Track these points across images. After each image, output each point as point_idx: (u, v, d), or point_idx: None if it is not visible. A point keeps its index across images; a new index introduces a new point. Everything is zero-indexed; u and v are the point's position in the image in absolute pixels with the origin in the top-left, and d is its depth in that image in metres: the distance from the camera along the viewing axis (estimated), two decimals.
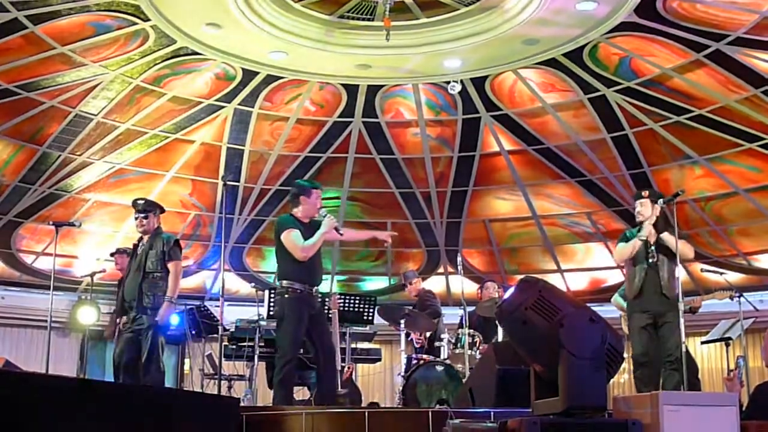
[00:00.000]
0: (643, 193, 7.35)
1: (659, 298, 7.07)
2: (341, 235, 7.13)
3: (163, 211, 7.79)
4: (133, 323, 7.31)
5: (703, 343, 10.85)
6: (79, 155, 12.13)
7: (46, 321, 7.90)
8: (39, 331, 12.46)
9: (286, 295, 6.85)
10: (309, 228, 6.98)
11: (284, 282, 6.89)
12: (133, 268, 7.48)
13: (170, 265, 7.42)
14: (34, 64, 10.56)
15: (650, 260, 7.11)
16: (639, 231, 7.22)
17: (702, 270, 10.62)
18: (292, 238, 6.88)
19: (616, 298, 8.53)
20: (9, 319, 12.92)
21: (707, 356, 12.91)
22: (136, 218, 7.57)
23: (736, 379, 6.78)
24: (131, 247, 7.82)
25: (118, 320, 7.63)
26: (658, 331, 7.06)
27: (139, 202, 7.68)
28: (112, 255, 9.92)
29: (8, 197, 12.13)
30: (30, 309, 12.60)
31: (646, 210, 7.22)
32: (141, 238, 7.61)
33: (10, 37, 9.98)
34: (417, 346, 9.26)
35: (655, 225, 7.20)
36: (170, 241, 7.50)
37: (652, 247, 7.14)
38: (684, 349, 7.16)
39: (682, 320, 6.94)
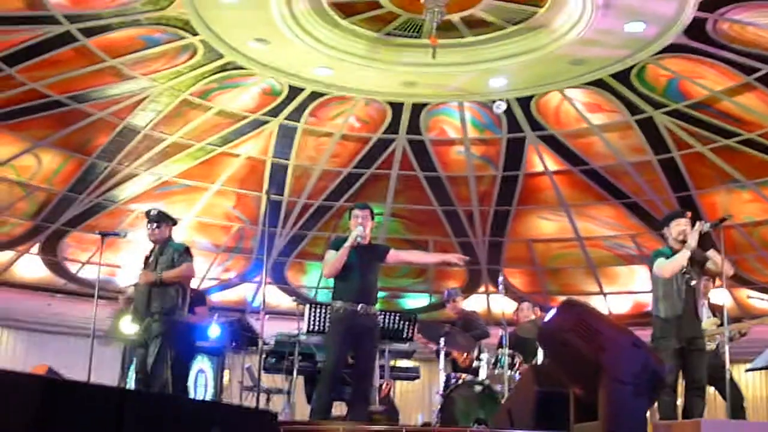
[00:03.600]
0: (686, 213, 7.16)
1: (694, 322, 6.89)
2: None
3: (175, 222, 7.79)
4: (144, 332, 7.32)
5: (747, 370, 10.65)
6: (126, 166, 12.29)
7: (89, 329, 7.95)
8: (82, 340, 12.57)
9: (330, 315, 6.98)
10: (360, 249, 7.01)
11: (333, 302, 6.97)
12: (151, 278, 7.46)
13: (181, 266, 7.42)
14: (85, 76, 10.74)
15: (690, 282, 6.90)
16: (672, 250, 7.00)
17: (748, 297, 10.44)
18: (325, 258, 7.00)
19: None
20: (53, 326, 13.08)
21: (752, 384, 12.69)
22: (148, 227, 7.57)
23: None
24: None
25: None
26: (686, 357, 6.83)
27: (152, 212, 7.71)
28: None
29: (56, 206, 12.33)
30: (74, 317, 12.74)
31: (689, 228, 7.01)
32: (153, 249, 7.61)
33: (62, 49, 10.17)
34: (463, 366, 9.18)
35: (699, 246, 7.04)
36: (180, 249, 7.52)
37: (688, 268, 6.92)
38: (729, 377, 7.02)
39: (727, 347, 6.81)
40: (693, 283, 6.85)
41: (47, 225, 12.51)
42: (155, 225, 7.59)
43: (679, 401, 7.08)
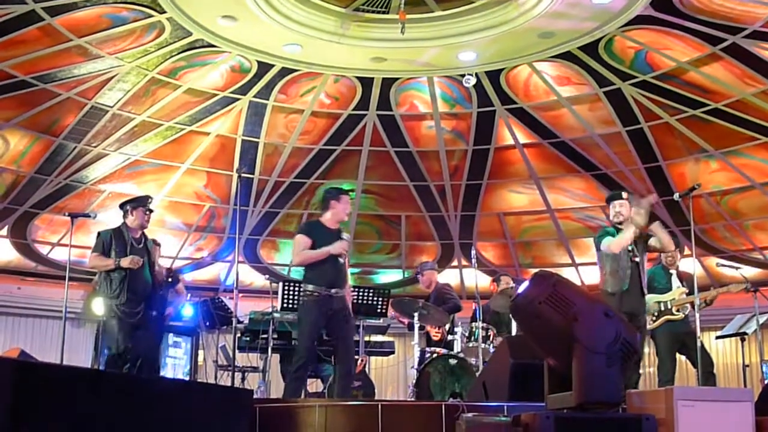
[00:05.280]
0: (623, 194, 7.47)
1: (639, 299, 7.15)
2: (341, 259, 7.08)
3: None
4: (141, 314, 7.37)
5: (718, 337, 10.81)
6: (95, 146, 12.18)
7: (60, 311, 7.93)
8: (54, 322, 12.52)
9: (304, 298, 7.00)
10: (332, 234, 7.08)
11: (304, 285, 7.03)
12: (143, 262, 7.46)
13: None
14: (51, 55, 10.60)
15: (635, 259, 7.18)
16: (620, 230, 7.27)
17: (718, 265, 10.57)
18: (295, 243, 7.12)
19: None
20: (24, 309, 12.99)
21: (722, 351, 12.86)
22: (147, 213, 7.64)
23: None
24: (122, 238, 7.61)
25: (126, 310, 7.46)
26: None
27: (151, 198, 7.85)
28: None
29: (24, 188, 12.20)
30: (45, 299, 12.66)
31: (625, 210, 7.30)
32: (120, 231, 7.53)
33: (27, 28, 10.02)
34: (436, 339, 9.25)
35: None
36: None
37: (632, 246, 7.19)
38: (699, 344, 7.16)
39: (697, 315, 6.93)
40: (637, 259, 7.14)
41: (16, 207, 12.38)
42: (151, 212, 7.75)
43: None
